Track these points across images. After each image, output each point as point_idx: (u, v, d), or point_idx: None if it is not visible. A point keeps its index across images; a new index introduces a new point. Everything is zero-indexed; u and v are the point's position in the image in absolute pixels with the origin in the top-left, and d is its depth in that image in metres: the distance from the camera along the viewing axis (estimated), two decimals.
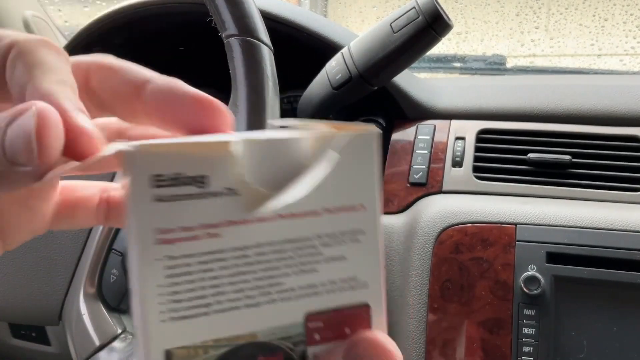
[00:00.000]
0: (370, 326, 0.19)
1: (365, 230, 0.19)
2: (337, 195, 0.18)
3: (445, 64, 1.16)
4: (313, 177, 0.18)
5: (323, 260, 0.18)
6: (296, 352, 0.18)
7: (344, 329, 0.19)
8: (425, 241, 0.59)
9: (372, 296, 0.19)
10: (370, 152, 0.19)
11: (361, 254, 0.19)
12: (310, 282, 0.18)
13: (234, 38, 0.47)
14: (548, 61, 1.50)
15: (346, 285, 0.19)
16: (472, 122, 0.70)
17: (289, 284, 0.18)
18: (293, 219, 0.18)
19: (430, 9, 0.57)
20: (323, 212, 0.18)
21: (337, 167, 0.18)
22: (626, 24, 1.30)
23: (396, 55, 0.60)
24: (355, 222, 0.19)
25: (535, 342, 0.53)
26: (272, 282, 0.18)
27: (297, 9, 0.75)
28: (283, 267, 0.18)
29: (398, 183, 0.68)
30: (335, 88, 0.63)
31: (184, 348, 0.17)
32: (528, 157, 0.65)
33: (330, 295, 0.19)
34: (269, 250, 0.18)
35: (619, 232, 0.55)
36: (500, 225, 0.57)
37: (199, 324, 0.17)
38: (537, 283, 0.53)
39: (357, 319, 0.19)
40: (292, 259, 0.18)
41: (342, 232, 0.18)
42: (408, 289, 0.59)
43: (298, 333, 0.18)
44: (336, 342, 0.19)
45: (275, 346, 0.18)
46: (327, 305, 0.18)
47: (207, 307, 0.17)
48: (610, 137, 0.66)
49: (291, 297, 0.18)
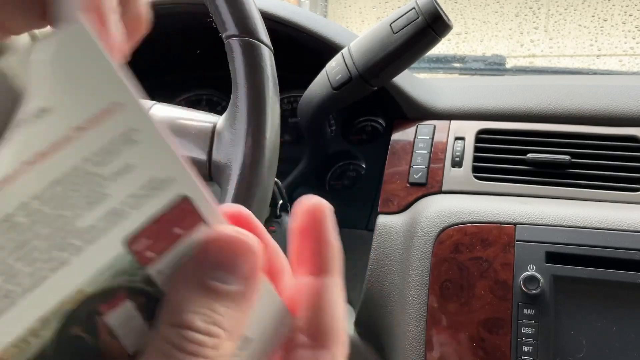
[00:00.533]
0: (201, 216, 0.17)
1: (137, 127, 0.16)
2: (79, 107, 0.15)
3: (444, 64, 1.17)
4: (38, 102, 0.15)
5: (107, 180, 0.16)
6: (138, 281, 0.17)
7: (174, 231, 0.17)
8: (425, 241, 0.59)
9: (184, 186, 0.17)
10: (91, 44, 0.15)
11: (147, 152, 0.16)
12: (108, 208, 0.16)
13: (234, 38, 0.47)
14: (547, 61, 1.51)
15: (150, 190, 0.16)
16: (471, 122, 0.70)
17: (85, 223, 0.16)
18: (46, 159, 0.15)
19: (430, 9, 0.57)
20: (74, 132, 0.15)
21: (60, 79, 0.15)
22: (625, 24, 1.30)
23: (396, 55, 0.60)
24: (118, 125, 0.16)
25: (535, 341, 0.53)
26: (65, 232, 0.15)
27: (297, 9, 0.75)
28: (68, 210, 0.15)
29: (398, 183, 0.68)
30: (335, 88, 0.63)
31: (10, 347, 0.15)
32: (527, 157, 0.65)
33: (139, 209, 0.16)
34: (37, 205, 0.15)
35: (618, 232, 0.55)
36: (500, 225, 0.58)
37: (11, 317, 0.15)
38: (537, 283, 0.53)
39: (181, 215, 0.17)
40: (72, 198, 0.15)
41: (110, 142, 0.16)
42: (408, 288, 0.60)
43: (128, 262, 0.16)
44: (174, 247, 0.17)
45: (109, 288, 0.16)
46: (141, 220, 0.16)
47: (8, 296, 0.15)
48: (609, 137, 0.66)
49: (98, 235, 0.16)
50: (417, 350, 0.57)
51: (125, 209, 0.16)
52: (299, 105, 0.69)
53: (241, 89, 0.47)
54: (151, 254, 0.17)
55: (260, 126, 0.46)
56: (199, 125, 0.49)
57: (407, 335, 0.58)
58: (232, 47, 0.47)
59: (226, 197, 0.45)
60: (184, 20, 0.74)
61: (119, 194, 0.16)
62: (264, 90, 0.47)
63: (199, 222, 0.17)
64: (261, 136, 0.46)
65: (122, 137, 0.16)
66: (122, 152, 0.16)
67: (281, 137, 0.67)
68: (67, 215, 0.15)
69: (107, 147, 0.16)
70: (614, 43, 1.32)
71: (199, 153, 0.48)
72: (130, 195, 0.16)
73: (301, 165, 0.75)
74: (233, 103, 0.47)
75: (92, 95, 0.15)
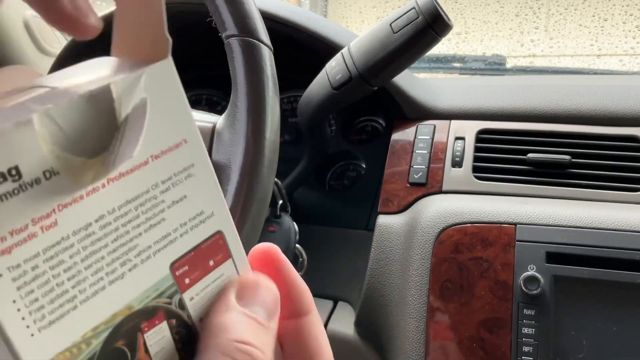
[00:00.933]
0: (229, 250, 0.20)
1: (194, 163, 0.19)
2: (157, 138, 0.17)
3: (445, 64, 1.16)
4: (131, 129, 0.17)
5: (167, 207, 0.18)
6: (174, 304, 0.18)
7: (208, 262, 0.19)
8: (425, 241, 0.59)
9: (221, 222, 0.19)
10: (174, 82, 0.18)
11: (199, 187, 0.19)
12: (164, 232, 0.18)
13: (234, 38, 0.47)
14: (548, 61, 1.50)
15: (196, 222, 0.19)
16: (471, 122, 0.70)
17: (144, 243, 0.17)
18: (124, 178, 0.17)
19: (430, 9, 0.57)
20: (150, 160, 0.17)
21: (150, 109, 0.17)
22: (625, 24, 1.30)
23: (396, 55, 0.60)
24: (183, 159, 0.18)
25: (535, 341, 0.53)
26: (127, 248, 0.17)
27: (297, 9, 0.75)
28: (132, 229, 0.17)
29: (398, 183, 0.68)
30: (335, 88, 0.63)
31: (65, 351, 0.16)
32: (528, 157, 0.65)
33: (185, 237, 0.18)
34: (112, 219, 0.17)
35: (618, 232, 0.55)
36: (500, 225, 0.57)
37: (71, 321, 0.16)
38: (537, 283, 0.53)
39: (215, 248, 0.19)
40: (138, 218, 0.17)
41: (175, 173, 0.18)
42: (408, 288, 0.60)
43: (170, 285, 0.18)
44: (206, 277, 0.19)
45: (153, 307, 0.18)
46: (186, 248, 0.18)
47: (72, 300, 0.16)
48: (609, 137, 0.66)
49: (151, 255, 0.18)
50: (417, 350, 0.57)
51: (176, 236, 0.18)
52: (299, 105, 0.69)
53: (241, 88, 0.47)
54: (187, 281, 0.19)
55: (260, 126, 0.46)
56: (199, 125, 0.49)
57: (407, 335, 0.58)
58: (232, 47, 0.47)
59: (226, 197, 0.45)
60: (184, 20, 0.74)
61: (174, 221, 0.18)
62: (264, 90, 0.47)
63: (228, 258, 0.20)
64: (261, 136, 0.46)
65: (183, 170, 0.18)
66: (182, 183, 0.18)
67: (281, 137, 0.67)
68: (132, 233, 0.17)
69: (172, 177, 0.18)
70: (615, 43, 1.32)
71: None
72: (182, 223, 0.18)
73: (301, 165, 0.75)
74: (233, 103, 0.47)
75: (169, 128, 0.18)
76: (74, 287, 0.16)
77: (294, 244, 0.65)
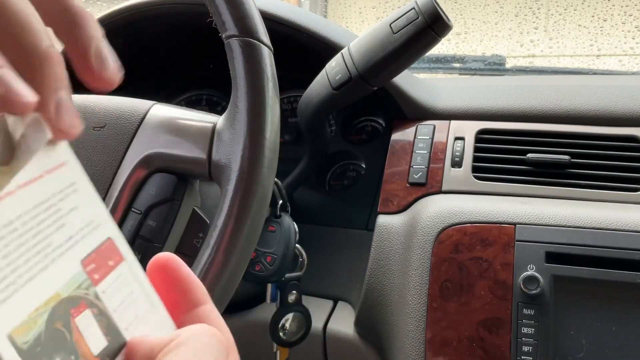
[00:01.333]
0: (121, 254, 0.23)
1: (75, 180, 0.22)
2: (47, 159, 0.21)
3: (444, 64, 1.17)
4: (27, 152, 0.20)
5: (66, 213, 0.21)
6: (91, 295, 0.21)
7: (108, 262, 0.23)
8: (424, 241, 0.59)
9: (109, 230, 0.23)
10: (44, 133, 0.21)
11: (84, 199, 0.22)
12: (69, 234, 0.21)
13: (234, 39, 0.47)
14: (547, 61, 1.51)
15: (90, 228, 0.22)
16: (471, 122, 0.70)
17: (56, 241, 0.20)
18: (30, 186, 0.20)
19: (430, 9, 0.57)
20: (46, 174, 0.21)
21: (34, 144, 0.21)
22: (625, 24, 1.30)
23: (396, 55, 0.60)
24: (67, 176, 0.22)
25: (535, 341, 0.53)
26: (46, 244, 0.20)
27: (297, 9, 0.75)
28: (45, 228, 0.20)
29: (398, 183, 0.68)
30: (335, 88, 0.63)
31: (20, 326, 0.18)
32: (527, 157, 0.65)
33: (87, 240, 0.22)
34: (29, 218, 0.20)
35: (618, 232, 0.55)
36: (500, 225, 0.58)
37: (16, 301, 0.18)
38: (537, 283, 0.53)
39: (110, 251, 0.23)
40: (48, 219, 0.20)
41: (65, 186, 0.21)
42: (407, 288, 0.60)
43: (84, 279, 0.21)
44: (110, 275, 0.23)
45: (76, 296, 0.21)
46: (89, 249, 0.22)
47: (14, 284, 0.18)
48: (609, 138, 0.66)
49: (64, 252, 0.21)
50: (417, 350, 0.57)
51: (78, 238, 0.22)
52: (299, 105, 0.69)
53: (241, 89, 0.47)
54: (97, 276, 0.22)
55: (260, 126, 0.46)
56: (199, 125, 0.49)
57: (407, 335, 0.58)
58: (232, 47, 0.47)
59: (226, 197, 0.45)
60: (184, 20, 0.74)
61: (75, 225, 0.21)
62: (263, 90, 0.47)
63: (122, 260, 0.23)
64: (261, 136, 0.46)
65: (69, 185, 0.22)
66: (70, 195, 0.22)
67: (281, 137, 0.67)
68: (45, 231, 0.20)
69: (63, 190, 0.21)
70: (614, 43, 1.32)
71: (199, 153, 0.48)
72: (80, 228, 0.22)
73: (301, 165, 0.75)
74: (233, 103, 0.47)
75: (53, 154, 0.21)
76: (13, 273, 0.19)
77: (294, 244, 0.65)
